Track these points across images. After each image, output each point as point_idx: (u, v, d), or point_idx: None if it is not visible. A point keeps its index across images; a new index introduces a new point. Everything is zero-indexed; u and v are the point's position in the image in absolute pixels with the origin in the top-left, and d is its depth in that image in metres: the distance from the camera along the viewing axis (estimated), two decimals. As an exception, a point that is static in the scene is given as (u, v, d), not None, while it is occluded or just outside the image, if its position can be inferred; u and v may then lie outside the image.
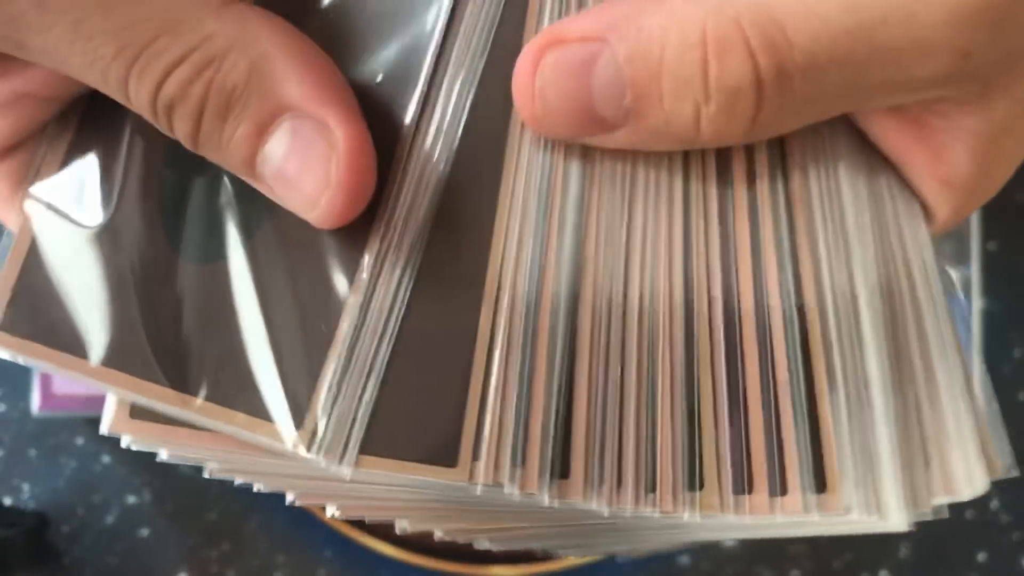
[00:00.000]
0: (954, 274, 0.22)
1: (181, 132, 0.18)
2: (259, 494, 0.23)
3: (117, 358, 0.19)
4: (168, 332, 0.19)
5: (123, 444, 0.19)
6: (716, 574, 0.52)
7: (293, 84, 0.17)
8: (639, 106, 0.17)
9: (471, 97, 0.18)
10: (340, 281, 0.18)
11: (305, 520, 0.51)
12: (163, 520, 0.51)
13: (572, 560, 0.49)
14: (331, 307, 0.18)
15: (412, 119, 0.18)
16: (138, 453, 0.22)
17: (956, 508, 0.19)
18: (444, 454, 0.18)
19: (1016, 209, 0.53)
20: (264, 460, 0.19)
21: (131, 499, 0.51)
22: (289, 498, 0.21)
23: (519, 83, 0.17)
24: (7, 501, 0.50)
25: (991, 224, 0.53)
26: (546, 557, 0.49)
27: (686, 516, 0.18)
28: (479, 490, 0.18)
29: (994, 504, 0.52)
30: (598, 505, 0.18)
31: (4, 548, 0.48)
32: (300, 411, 0.18)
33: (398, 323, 0.18)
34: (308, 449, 0.18)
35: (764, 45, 0.16)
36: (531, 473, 0.18)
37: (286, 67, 0.17)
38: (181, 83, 0.17)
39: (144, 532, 0.51)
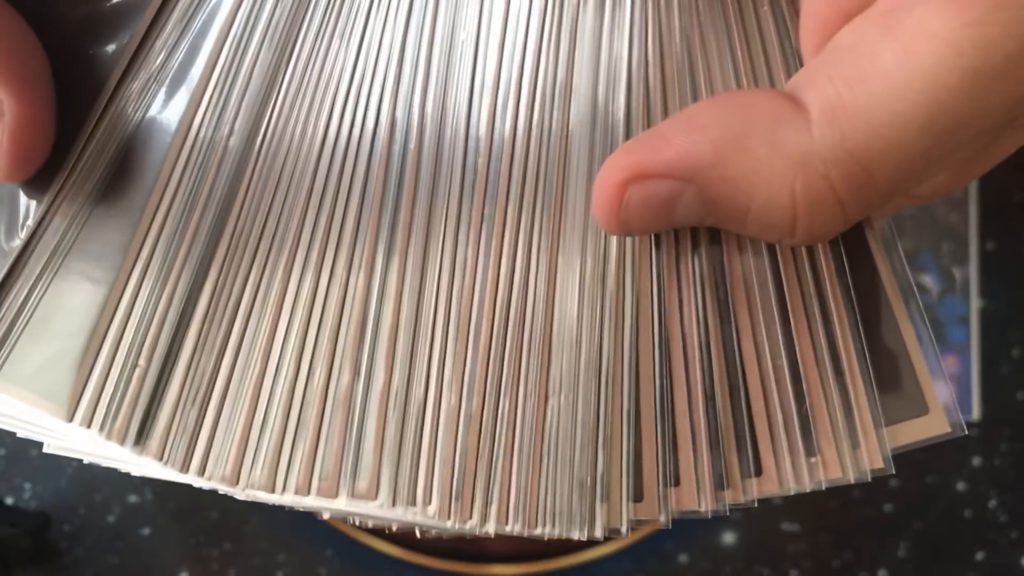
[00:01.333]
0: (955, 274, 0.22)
1: None
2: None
3: None
4: None
5: None
6: (715, 573, 0.52)
7: None
8: (720, 226, 0.18)
9: (175, 66, 0.21)
10: (14, 224, 0.21)
11: (306, 519, 0.51)
12: (164, 519, 0.51)
13: (572, 559, 0.49)
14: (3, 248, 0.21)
15: (115, 80, 0.21)
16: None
17: (954, 507, 0.18)
18: (58, 393, 0.20)
19: (1015, 209, 0.54)
20: None
21: (132, 498, 0.51)
22: None
23: (604, 209, 0.18)
24: (9, 500, 0.51)
25: (990, 224, 0.53)
26: (546, 557, 0.49)
27: (241, 491, 0.20)
28: (75, 430, 0.19)
29: (992, 503, 0.52)
30: (171, 472, 0.20)
31: (6, 547, 0.48)
32: None
33: (54, 270, 0.20)
34: None
35: (853, 194, 0.16)
36: (121, 425, 0.19)
37: None
38: None
39: (145, 531, 0.51)
